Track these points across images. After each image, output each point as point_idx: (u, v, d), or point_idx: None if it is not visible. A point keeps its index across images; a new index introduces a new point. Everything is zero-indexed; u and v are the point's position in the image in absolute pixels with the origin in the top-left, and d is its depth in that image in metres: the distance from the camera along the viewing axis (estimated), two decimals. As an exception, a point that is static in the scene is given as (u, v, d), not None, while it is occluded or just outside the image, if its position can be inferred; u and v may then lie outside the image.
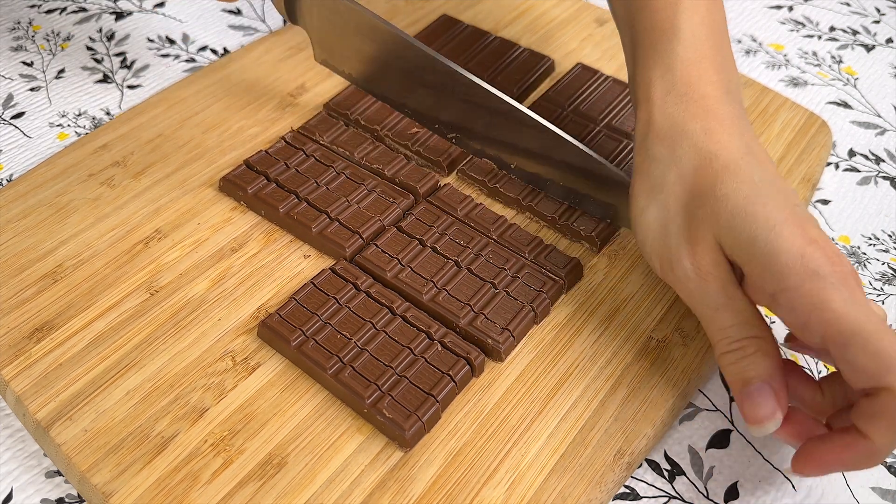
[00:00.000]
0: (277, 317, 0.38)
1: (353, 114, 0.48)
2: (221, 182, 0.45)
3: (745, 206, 0.33)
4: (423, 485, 0.34)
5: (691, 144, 0.35)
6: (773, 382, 0.32)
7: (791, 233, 0.32)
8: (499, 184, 0.44)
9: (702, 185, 0.34)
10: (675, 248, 0.35)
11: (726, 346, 0.34)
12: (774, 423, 0.32)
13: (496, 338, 0.38)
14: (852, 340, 0.30)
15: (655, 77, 0.38)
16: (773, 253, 0.32)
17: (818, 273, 0.31)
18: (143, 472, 0.34)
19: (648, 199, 0.37)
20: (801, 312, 0.31)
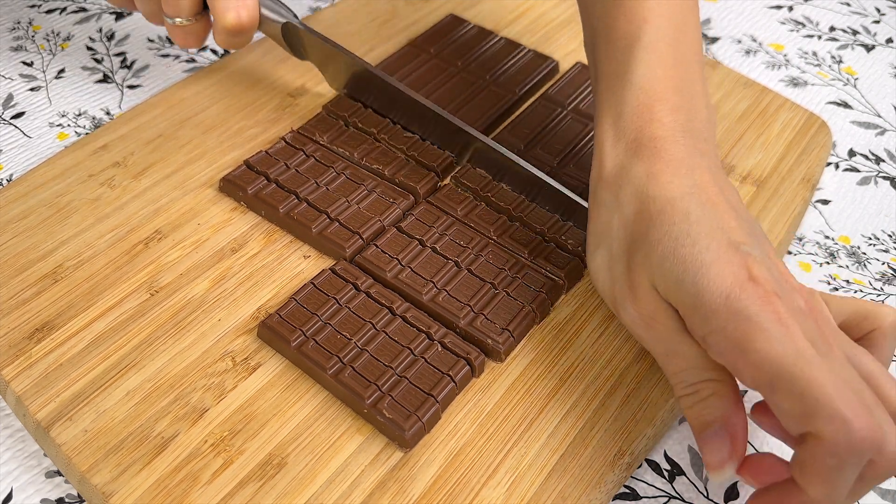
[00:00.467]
0: (277, 317, 0.38)
1: (352, 116, 0.48)
2: (221, 182, 0.45)
3: (674, 249, 0.32)
4: (423, 485, 0.34)
5: (633, 189, 0.35)
6: (730, 426, 0.31)
7: (719, 272, 0.31)
8: (490, 193, 0.44)
9: (639, 230, 0.34)
10: (620, 294, 0.35)
11: (682, 390, 0.33)
12: (730, 467, 0.31)
13: (496, 338, 0.38)
14: (776, 382, 0.29)
15: (608, 124, 0.37)
16: (699, 294, 0.31)
17: (743, 313, 0.30)
18: (143, 473, 0.34)
19: (597, 243, 0.36)
20: (728, 355, 0.30)
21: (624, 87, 0.37)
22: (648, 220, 0.33)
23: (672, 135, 0.35)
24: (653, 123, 0.36)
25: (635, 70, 0.37)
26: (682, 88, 0.37)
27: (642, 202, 0.34)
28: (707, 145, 0.36)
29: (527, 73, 0.52)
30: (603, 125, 0.37)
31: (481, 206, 0.44)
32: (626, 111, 0.36)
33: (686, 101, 0.37)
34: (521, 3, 0.60)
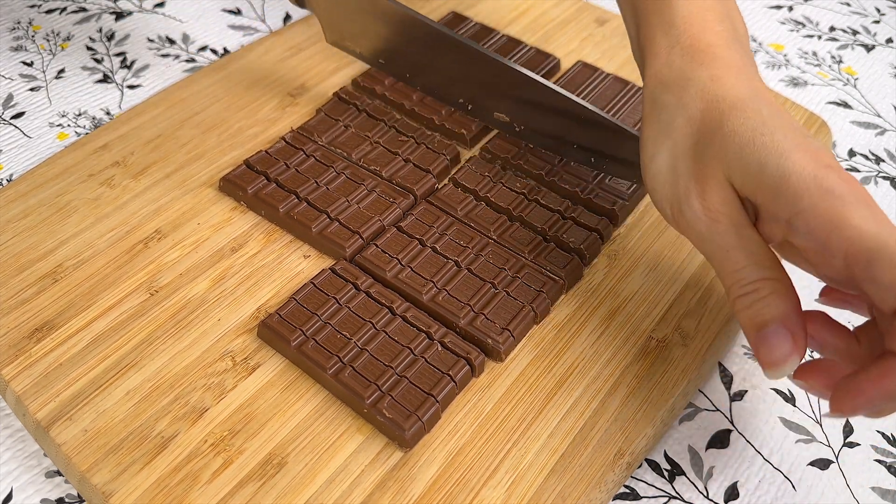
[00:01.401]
0: (277, 317, 0.38)
1: (381, 88, 0.49)
2: (221, 182, 0.45)
3: (753, 138, 0.32)
4: (423, 485, 0.34)
5: (698, 90, 0.35)
6: (790, 324, 0.31)
7: (802, 157, 0.31)
8: (522, 160, 0.45)
9: (709, 125, 0.34)
10: (684, 191, 0.35)
11: (739, 290, 0.33)
12: (791, 364, 0.31)
13: (496, 338, 0.38)
14: (877, 256, 0.29)
15: (659, 34, 0.38)
16: (785, 176, 0.31)
17: (833, 192, 0.30)
18: (143, 472, 0.34)
19: (657, 145, 0.36)
20: (819, 234, 0.30)
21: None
22: (719, 116, 0.34)
23: (725, 42, 0.36)
24: (706, 31, 0.37)
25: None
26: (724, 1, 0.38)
27: (709, 101, 0.35)
28: (750, 57, 0.37)
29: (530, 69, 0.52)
30: (653, 36, 0.38)
31: (481, 205, 0.44)
32: (678, 21, 0.37)
33: (731, 12, 0.38)
34: (521, 2, 0.60)
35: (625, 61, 0.55)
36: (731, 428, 0.39)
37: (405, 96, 0.49)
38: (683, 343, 0.39)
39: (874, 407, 0.30)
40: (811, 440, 0.38)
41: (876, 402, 0.29)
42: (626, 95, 0.51)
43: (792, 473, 0.37)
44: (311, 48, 0.55)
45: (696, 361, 0.39)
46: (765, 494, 0.36)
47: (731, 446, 0.38)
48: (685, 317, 0.40)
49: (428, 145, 0.47)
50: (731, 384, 0.40)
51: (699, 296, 0.41)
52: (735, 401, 0.40)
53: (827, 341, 0.33)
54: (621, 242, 0.44)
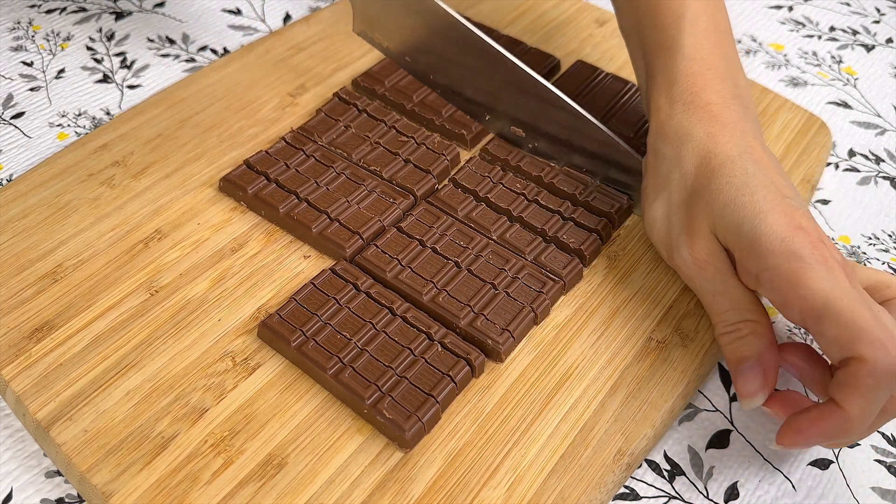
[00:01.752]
0: (277, 317, 0.38)
1: (381, 88, 0.49)
2: (221, 182, 0.45)
3: (734, 197, 0.36)
4: (423, 485, 0.34)
5: (694, 146, 0.39)
6: (764, 362, 0.35)
7: (775, 219, 0.34)
8: (521, 162, 0.46)
9: (700, 180, 0.38)
10: (676, 239, 0.39)
11: (723, 328, 0.37)
12: (761, 397, 0.35)
13: (496, 338, 0.38)
14: (825, 314, 0.32)
15: (663, 90, 0.41)
16: (757, 237, 0.34)
17: (796, 254, 0.33)
18: (143, 473, 0.33)
19: (655, 194, 0.40)
20: (780, 290, 0.34)
21: (675, 57, 0.41)
22: (710, 173, 0.37)
23: (724, 100, 0.39)
24: (706, 89, 0.40)
25: (684, 42, 0.41)
26: (727, 58, 0.41)
27: (703, 158, 0.38)
28: (749, 112, 0.40)
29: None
30: (657, 91, 0.41)
31: (481, 206, 0.44)
32: (680, 78, 0.40)
33: (730, 69, 0.41)
34: (521, 3, 0.60)
35: (625, 61, 0.55)
36: (730, 428, 0.39)
37: (406, 97, 0.49)
38: (683, 344, 0.39)
39: (811, 444, 0.34)
40: (811, 440, 0.38)
41: (812, 440, 0.33)
42: (626, 95, 0.51)
43: (792, 473, 0.37)
44: (311, 48, 0.55)
45: (696, 362, 0.39)
46: (765, 494, 0.36)
47: (731, 446, 0.38)
48: (685, 317, 0.40)
49: (428, 146, 0.46)
50: (730, 384, 0.40)
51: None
52: (735, 401, 0.40)
53: (805, 370, 0.36)
54: (621, 243, 0.44)
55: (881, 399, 0.32)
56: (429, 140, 0.47)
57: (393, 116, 0.48)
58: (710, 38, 0.41)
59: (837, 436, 0.33)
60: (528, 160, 0.46)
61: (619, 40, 0.57)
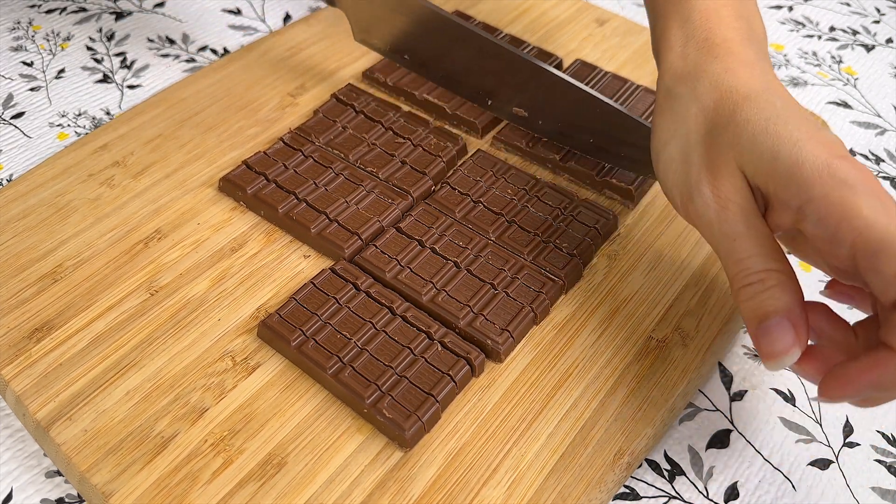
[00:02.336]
0: (277, 317, 0.38)
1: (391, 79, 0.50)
2: (221, 182, 0.45)
3: (766, 127, 0.33)
4: (423, 485, 0.34)
5: (711, 81, 0.36)
6: (793, 317, 0.31)
7: (815, 146, 0.31)
8: (535, 148, 0.46)
9: (723, 114, 0.34)
10: (695, 178, 0.35)
11: (744, 279, 0.33)
12: (791, 356, 0.31)
13: (495, 338, 0.38)
14: (882, 248, 0.29)
15: (675, 28, 0.39)
16: (798, 164, 0.31)
17: (846, 181, 0.30)
18: (143, 472, 0.34)
19: (670, 133, 0.37)
20: (829, 222, 0.30)
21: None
22: (733, 106, 0.34)
23: (741, 38, 0.37)
24: (722, 26, 0.37)
25: None
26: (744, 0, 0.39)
27: (723, 92, 0.35)
28: (765, 55, 0.38)
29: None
30: (670, 29, 0.39)
31: (480, 206, 0.44)
32: (694, 15, 0.38)
33: (748, 10, 0.39)
34: (521, 2, 0.60)
35: (625, 61, 0.55)
36: (731, 428, 0.39)
37: (415, 87, 0.50)
38: (683, 343, 0.39)
39: (861, 395, 0.30)
40: (811, 440, 0.38)
41: (863, 390, 0.30)
42: (625, 93, 0.51)
43: (792, 473, 0.37)
44: (311, 48, 0.55)
45: (696, 361, 0.39)
46: (765, 494, 0.36)
47: (731, 446, 0.38)
48: (685, 317, 0.40)
49: (424, 147, 0.46)
50: (731, 384, 0.40)
51: (699, 296, 0.41)
52: (735, 401, 0.40)
53: (825, 332, 0.33)
54: (621, 242, 0.44)
55: None
56: (425, 142, 0.47)
57: (390, 118, 0.48)
58: None
59: (892, 385, 0.30)
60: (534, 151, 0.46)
61: (619, 40, 0.57)
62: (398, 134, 0.47)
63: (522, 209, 0.43)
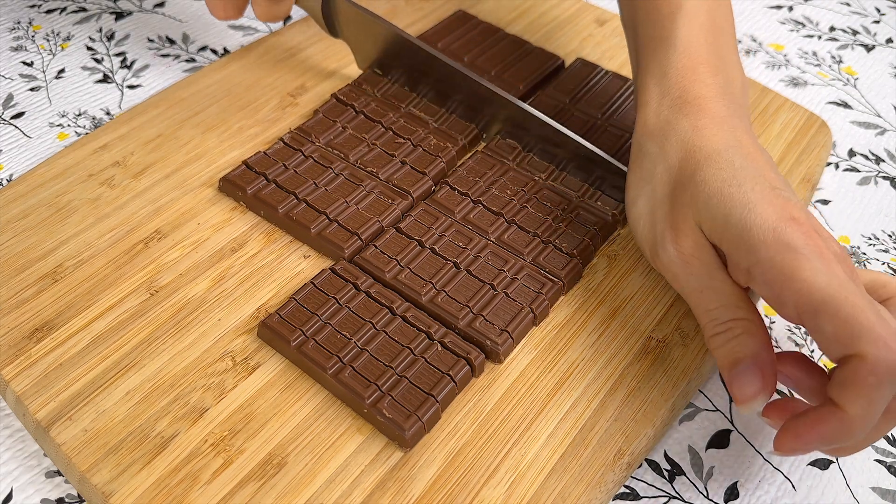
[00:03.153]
0: (277, 317, 0.38)
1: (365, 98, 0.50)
2: (221, 182, 0.45)
3: (721, 189, 0.34)
4: (423, 485, 0.34)
5: (679, 140, 0.37)
6: (760, 363, 0.33)
7: (765, 210, 0.33)
8: (520, 163, 0.46)
9: (685, 173, 0.36)
10: (660, 234, 0.37)
11: (713, 329, 0.35)
12: (761, 401, 0.33)
13: (495, 339, 0.38)
14: (822, 309, 0.30)
15: (652, 84, 0.40)
16: (746, 228, 0.33)
17: (790, 245, 0.32)
18: (143, 472, 0.34)
19: (639, 190, 0.39)
20: (773, 284, 0.32)
21: (668, 49, 0.40)
22: (695, 165, 0.36)
23: (714, 94, 0.38)
24: (696, 83, 0.38)
25: (678, 35, 0.40)
26: (721, 54, 0.40)
27: (688, 151, 0.37)
28: (743, 109, 0.39)
29: (532, 70, 0.52)
30: (647, 84, 0.40)
31: (479, 207, 0.44)
32: (671, 72, 0.39)
33: (724, 65, 0.40)
34: (521, 2, 0.60)
35: (624, 61, 0.55)
36: (731, 428, 0.39)
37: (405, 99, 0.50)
38: (683, 343, 0.39)
39: (810, 449, 0.32)
40: (811, 440, 0.38)
41: (811, 445, 0.31)
42: (626, 93, 0.51)
43: (792, 473, 0.37)
44: (311, 48, 0.55)
45: (696, 361, 0.39)
46: (765, 494, 0.36)
47: (731, 446, 0.38)
48: (685, 317, 0.40)
49: (424, 148, 0.46)
50: (731, 384, 0.40)
51: (699, 296, 0.41)
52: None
53: (801, 380, 0.34)
54: (621, 242, 0.44)
55: (884, 399, 0.30)
56: (425, 142, 0.47)
57: (390, 118, 0.48)
58: (705, 33, 0.40)
59: (838, 439, 0.31)
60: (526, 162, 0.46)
61: (619, 40, 0.57)
62: (398, 134, 0.47)
63: (522, 209, 0.43)
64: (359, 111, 0.49)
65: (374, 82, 0.50)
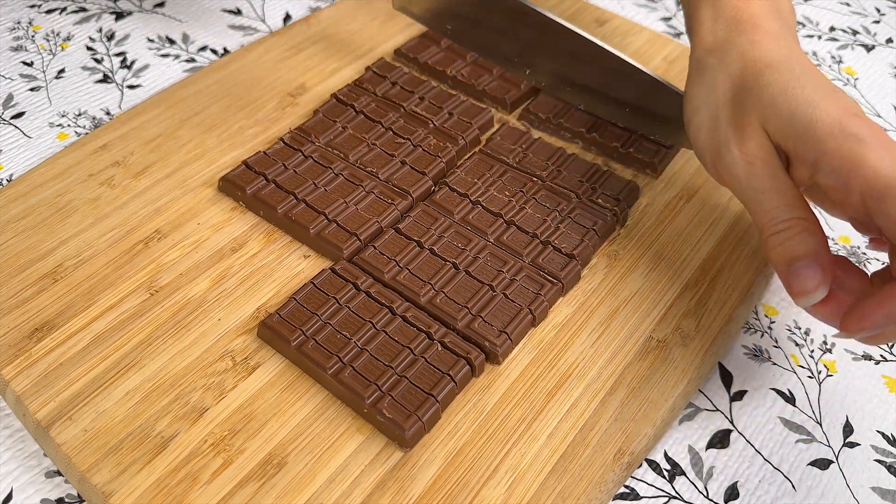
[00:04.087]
0: (277, 317, 0.38)
1: (423, 58, 0.51)
2: (221, 182, 0.45)
3: (785, 90, 0.36)
4: (423, 485, 0.34)
5: (738, 52, 0.39)
6: (820, 259, 0.34)
7: (829, 106, 0.34)
8: (563, 119, 0.48)
9: (747, 80, 0.38)
10: (723, 138, 0.38)
11: (773, 228, 0.36)
12: (820, 293, 0.34)
13: (493, 340, 0.37)
14: (887, 192, 0.32)
15: (705, 7, 0.42)
16: (812, 122, 0.34)
17: (856, 136, 0.33)
18: (143, 472, 0.34)
19: (700, 100, 0.40)
20: (840, 173, 0.33)
21: None
22: (756, 72, 0.37)
23: (767, 13, 0.40)
24: (749, 4, 0.40)
25: None
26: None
27: (748, 61, 0.38)
28: (794, 30, 0.41)
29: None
30: (701, 8, 0.42)
31: (478, 208, 0.44)
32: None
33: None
34: (521, 3, 0.59)
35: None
36: (731, 428, 0.39)
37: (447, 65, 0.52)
38: (683, 343, 0.39)
39: (877, 328, 0.33)
40: (811, 440, 0.38)
41: (879, 323, 0.33)
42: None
43: (792, 473, 0.37)
44: (311, 48, 0.55)
45: (696, 361, 0.39)
46: (765, 494, 0.36)
47: (731, 446, 0.38)
48: (685, 317, 0.40)
49: (424, 148, 0.46)
50: (731, 384, 0.40)
51: (699, 296, 0.41)
52: (735, 401, 0.40)
53: (845, 282, 0.35)
54: (621, 242, 0.44)
55: None
56: (424, 142, 0.47)
57: (390, 118, 0.48)
58: None
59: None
60: (529, 158, 0.46)
61: (619, 40, 0.57)
62: (398, 134, 0.47)
63: (521, 210, 0.43)
64: (359, 111, 0.49)
65: (375, 82, 0.51)
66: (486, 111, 0.49)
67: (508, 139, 0.47)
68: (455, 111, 0.49)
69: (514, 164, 0.46)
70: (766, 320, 0.43)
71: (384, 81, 0.51)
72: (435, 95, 0.50)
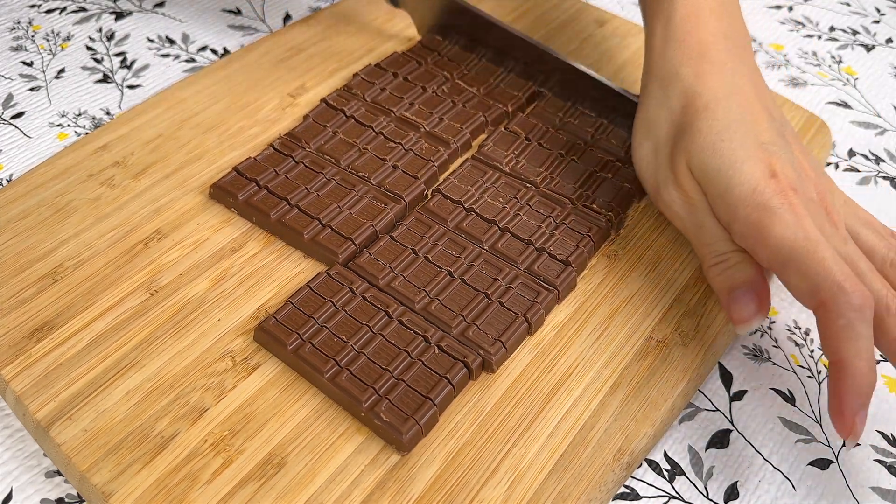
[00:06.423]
0: (274, 320, 0.38)
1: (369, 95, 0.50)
2: (212, 189, 0.44)
3: (713, 142, 0.37)
4: (423, 485, 0.34)
5: (681, 86, 0.40)
6: (756, 287, 0.36)
7: (751, 168, 0.35)
8: (572, 118, 0.48)
9: (685, 121, 0.39)
10: (663, 176, 0.40)
11: (711, 260, 0.38)
12: (757, 320, 0.35)
13: (488, 349, 0.37)
14: (789, 263, 0.33)
15: (658, 28, 0.42)
16: (730, 187, 0.36)
17: (765, 205, 0.34)
18: (143, 472, 0.34)
19: (645, 133, 0.41)
20: (748, 240, 0.35)
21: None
22: (694, 113, 0.38)
23: (716, 39, 0.40)
24: (699, 28, 0.41)
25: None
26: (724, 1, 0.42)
27: (689, 97, 0.39)
28: (745, 51, 0.41)
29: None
30: (654, 29, 0.42)
31: (472, 216, 0.43)
32: (676, 17, 0.41)
33: (728, 11, 0.42)
34: (521, 3, 0.60)
35: (624, 62, 0.55)
36: (731, 428, 0.39)
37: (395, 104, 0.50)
38: (683, 343, 0.39)
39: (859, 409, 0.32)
40: (811, 440, 0.38)
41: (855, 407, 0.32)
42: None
43: (792, 473, 0.37)
44: (311, 48, 0.55)
45: (696, 361, 0.39)
46: (765, 494, 0.36)
47: (731, 446, 0.38)
48: (685, 317, 0.40)
49: (416, 152, 0.46)
50: (731, 384, 0.40)
51: (699, 296, 0.41)
52: (735, 401, 0.40)
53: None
54: (621, 243, 0.44)
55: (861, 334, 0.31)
56: (416, 146, 0.47)
57: (381, 122, 0.48)
58: None
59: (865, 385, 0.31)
60: (522, 164, 0.46)
61: (618, 41, 0.57)
62: (389, 138, 0.47)
63: (515, 217, 0.43)
64: (349, 116, 0.48)
65: (364, 87, 0.50)
66: (477, 116, 0.49)
67: (501, 145, 0.47)
68: (446, 116, 0.49)
69: (507, 170, 0.46)
70: (766, 320, 0.43)
71: (373, 87, 0.50)
72: (425, 100, 0.50)
